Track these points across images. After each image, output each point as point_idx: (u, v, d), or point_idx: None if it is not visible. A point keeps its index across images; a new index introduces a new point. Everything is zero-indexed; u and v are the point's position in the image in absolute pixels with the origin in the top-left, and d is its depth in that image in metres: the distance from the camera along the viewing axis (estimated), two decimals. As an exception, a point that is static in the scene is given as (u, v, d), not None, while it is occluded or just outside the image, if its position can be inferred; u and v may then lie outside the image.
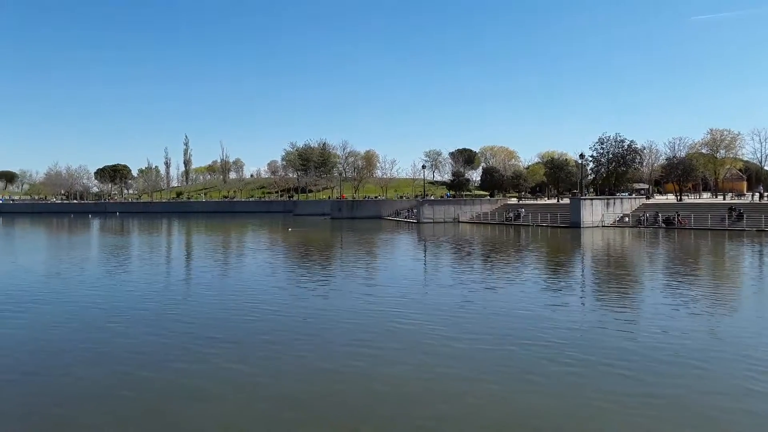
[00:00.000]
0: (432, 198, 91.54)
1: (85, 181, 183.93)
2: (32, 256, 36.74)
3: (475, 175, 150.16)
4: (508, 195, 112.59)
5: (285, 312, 17.01)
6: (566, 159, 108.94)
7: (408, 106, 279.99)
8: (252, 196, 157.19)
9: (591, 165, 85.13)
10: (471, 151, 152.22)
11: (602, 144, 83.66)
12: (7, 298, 19.67)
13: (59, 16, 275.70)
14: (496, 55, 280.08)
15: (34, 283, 23.80)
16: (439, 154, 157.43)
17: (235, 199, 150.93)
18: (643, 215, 58.28)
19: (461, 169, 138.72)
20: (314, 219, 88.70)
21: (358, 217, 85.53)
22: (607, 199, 63.36)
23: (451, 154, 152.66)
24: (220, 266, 30.65)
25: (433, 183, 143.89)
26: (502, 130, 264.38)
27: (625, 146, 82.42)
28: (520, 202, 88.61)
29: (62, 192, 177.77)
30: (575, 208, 58.26)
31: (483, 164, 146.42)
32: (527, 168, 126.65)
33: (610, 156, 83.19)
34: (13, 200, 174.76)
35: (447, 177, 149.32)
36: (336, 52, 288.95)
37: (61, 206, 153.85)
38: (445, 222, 71.53)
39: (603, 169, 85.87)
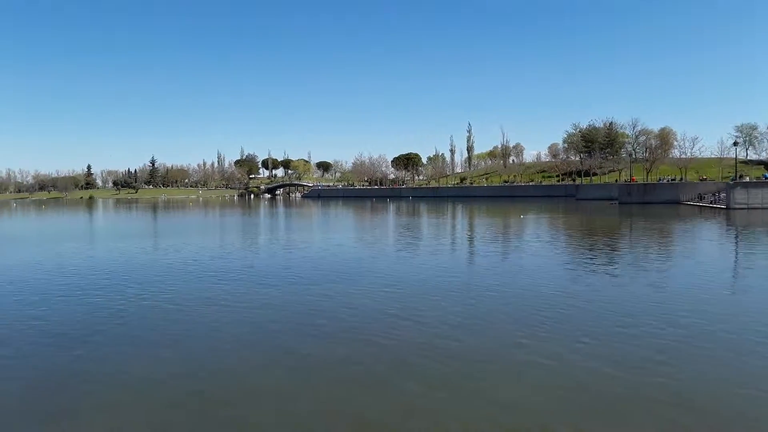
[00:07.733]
0: (747, 179, 77.80)
1: (383, 168, 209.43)
2: (351, 233, 43.36)
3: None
4: None
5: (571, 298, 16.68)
6: None
7: (713, 74, 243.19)
8: (532, 180, 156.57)
9: None
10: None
11: None
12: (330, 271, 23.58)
13: (355, 20, 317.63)
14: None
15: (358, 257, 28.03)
16: (754, 128, 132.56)
17: (515, 184, 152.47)
18: None
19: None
20: (599, 204, 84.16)
21: (651, 202, 78.22)
22: None
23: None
24: (504, 247, 31.41)
25: (747, 162, 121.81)
26: None
27: None
28: None
29: (365, 179, 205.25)
30: None
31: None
32: None
33: None
34: (328, 186, 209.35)
35: (766, 155, 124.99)
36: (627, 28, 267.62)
37: (364, 191, 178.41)
38: (763, 209, 60.42)
39: None
